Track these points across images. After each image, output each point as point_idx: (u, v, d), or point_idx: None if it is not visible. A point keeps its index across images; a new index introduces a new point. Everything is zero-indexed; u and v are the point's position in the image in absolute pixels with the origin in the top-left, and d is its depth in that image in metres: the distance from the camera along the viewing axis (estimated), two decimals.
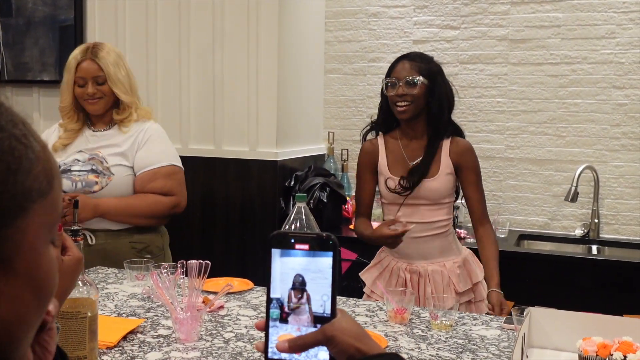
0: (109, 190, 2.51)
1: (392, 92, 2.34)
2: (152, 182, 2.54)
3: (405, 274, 2.39)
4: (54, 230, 0.71)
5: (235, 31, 3.35)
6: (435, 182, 2.35)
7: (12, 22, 3.79)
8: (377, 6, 3.71)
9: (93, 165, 2.52)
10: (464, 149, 2.39)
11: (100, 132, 2.61)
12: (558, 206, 3.45)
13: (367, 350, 0.93)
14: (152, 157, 2.56)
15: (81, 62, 2.53)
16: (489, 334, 1.81)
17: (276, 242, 0.92)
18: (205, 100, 3.44)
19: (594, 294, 2.86)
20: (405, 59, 2.38)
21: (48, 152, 0.69)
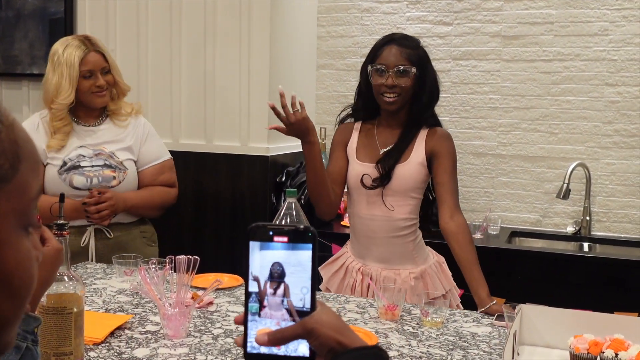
0: (125, 184, 2.57)
1: (379, 81, 2.18)
2: (162, 175, 2.67)
3: (357, 275, 2.26)
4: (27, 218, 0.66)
5: (227, 26, 3.32)
6: (404, 168, 2.20)
7: (1, 14, 3.75)
8: (370, 2, 3.69)
9: (105, 160, 2.52)
10: (441, 136, 2.24)
11: (95, 127, 2.59)
12: (550, 203, 3.44)
13: (348, 343, 0.91)
14: (157, 151, 2.68)
15: (87, 53, 2.50)
16: (480, 331, 1.80)
17: (254, 234, 0.89)
18: (196, 94, 3.42)
19: (585, 291, 2.86)
20: (393, 42, 2.21)
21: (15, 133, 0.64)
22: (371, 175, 2.22)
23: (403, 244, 2.24)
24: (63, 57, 2.48)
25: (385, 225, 2.23)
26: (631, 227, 3.33)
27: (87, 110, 2.58)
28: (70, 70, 2.46)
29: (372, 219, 2.24)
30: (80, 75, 2.48)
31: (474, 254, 2.12)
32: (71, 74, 2.46)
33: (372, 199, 2.23)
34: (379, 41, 2.27)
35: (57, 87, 2.47)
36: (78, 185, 2.48)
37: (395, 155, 2.21)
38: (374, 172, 2.22)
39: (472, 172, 3.57)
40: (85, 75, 2.49)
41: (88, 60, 2.49)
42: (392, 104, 2.20)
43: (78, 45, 2.50)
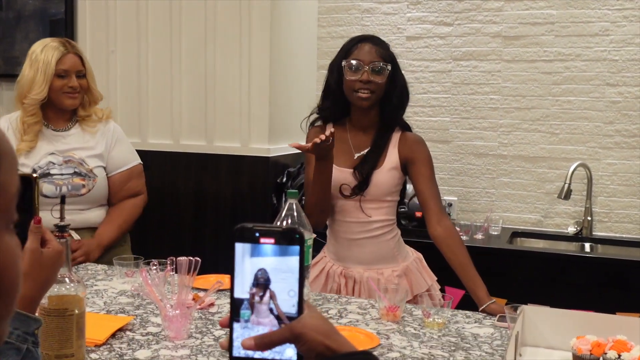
0: (95, 192, 2.57)
1: (353, 77, 2.15)
2: (129, 183, 2.68)
3: (340, 279, 2.25)
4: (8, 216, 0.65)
5: (228, 26, 3.32)
6: (380, 174, 2.20)
7: (2, 15, 3.75)
8: (370, 2, 3.69)
9: (75, 168, 2.52)
10: (414, 141, 2.24)
11: (64, 132, 2.60)
12: (551, 204, 3.44)
13: (336, 347, 0.90)
14: (124, 157, 2.68)
15: (65, 54, 2.53)
16: (482, 332, 1.79)
17: (240, 235, 0.88)
18: (197, 95, 3.42)
19: (586, 291, 2.85)
20: (367, 41, 2.20)
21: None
22: (348, 181, 2.22)
23: (383, 242, 2.25)
24: (41, 55, 2.51)
25: (363, 227, 2.24)
26: (632, 227, 3.32)
27: (57, 112, 2.59)
28: (46, 68, 2.49)
29: (351, 222, 2.25)
30: (55, 73, 2.50)
31: (466, 255, 2.11)
32: (46, 71, 2.49)
33: (349, 205, 2.24)
34: (350, 40, 2.26)
35: (31, 82, 2.50)
36: (47, 193, 2.47)
37: (371, 161, 2.21)
38: (351, 178, 2.22)
39: (473, 172, 3.56)
40: (60, 74, 2.52)
41: (64, 60, 2.53)
42: (365, 100, 2.17)
43: (57, 47, 2.53)
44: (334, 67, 2.24)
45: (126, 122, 3.52)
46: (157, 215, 3.44)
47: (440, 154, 3.58)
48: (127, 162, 2.68)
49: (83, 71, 2.57)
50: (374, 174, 2.20)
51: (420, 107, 3.60)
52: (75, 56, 2.57)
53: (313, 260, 2.34)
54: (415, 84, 3.56)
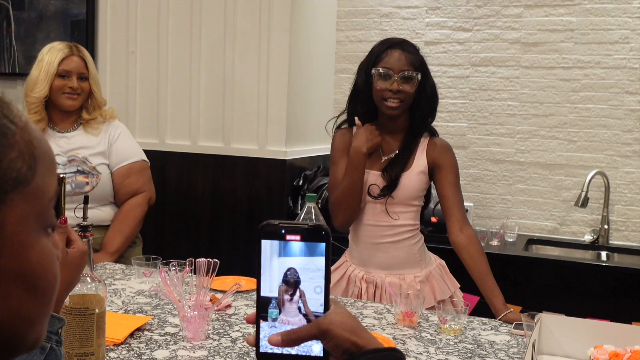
0: (98, 189, 2.60)
1: (383, 85, 2.14)
2: (128, 179, 2.66)
3: (361, 283, 2.25)
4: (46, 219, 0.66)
5: (247, 29, 3.34)
6: (408, 177, 2.20)
7: (24, 15, 3.79)
8: (389, 7, 3.70)
9: (78, 166, 2.56)
10: (442, 147, 2.25)
11: (68, 133, 2.64)
12: (567, 211, 3.43)
13: (363, 344, 0.89)
14: (125, 152, 2.68)
15: (69, 56, 2.58)
16: (498, 339, 1.79)
17: (266, 232, 0.88)
18: (215, 97, 3.44)
19: (602, 300, 2.84)
20: (397, 47, 2.18)
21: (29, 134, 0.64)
22: (376, 183, 2.22)
23: (407, 247, 2.25)
24: (46, 56, 2.58)
25: (388, 231, 2.23)
26: None
27: (62, 114, 2.63)
28: (49, 67, 2.55)
29: (376, 226, 2.24)
30: (56, 73, 2.56)
31: (486, 264, 2.12)
32: (48, 71, 2.55)
33: (376, 208, 2.24)
34: (380, 45, 2.23)
35: (34, 81, 2.56)
36: None
37: (400, 163, 2.21)
38: (380, 180, 2.22)
39: (490, 178, 3.56)
40: (61, 74, 2.57)
41: (67, 61, 2.58)
42: (394, 109, 2.17)
43: (62, 49, 2.59)
44: (363, 70, 2.23)
45: (144, 122, 3.55)
46: (174, 216, 3.47)
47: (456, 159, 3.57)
48: (128, 157, 2.68)
49: (86, 74, 2.61)
50: (403, 176, 2.20)
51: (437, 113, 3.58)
52: (80, 59, 2.61)
53: (334, 265, 2.35)
54: None
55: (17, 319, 0.64)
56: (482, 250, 2.17)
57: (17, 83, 3.89)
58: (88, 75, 2.62)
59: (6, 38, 3.84)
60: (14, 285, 0.62)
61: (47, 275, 0.66)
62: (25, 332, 0.66)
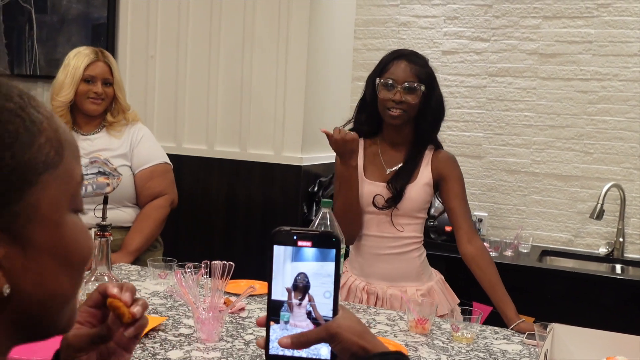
0: (120, 190, 2.63)
1: (386, 95, 2.16)
2: (150, 181, 2.69)
3: (362, 294, 2.25)
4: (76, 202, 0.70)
5: (266, 35, 3.37)
6: (413, 188, 2.21)
7: (46, 18, 3.84)
8: (407, 16, 3.71)
9: (99, 167, 2.59)
10: (447, 159, 2.25)
11: (91, 136, 2.68)
12: (583, 223, 3.42)
13: (371, 348, 0.92)
14: (148, 155, 2.72)
15: (94, 61, 2.63)
16: (511, 348, 1.79)
17: (278, 238, 0.90)
18: (232, 102, 3.46)
19: (616, 313, 2.83)
20: (403, 58, 2.19)
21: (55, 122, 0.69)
22: (382, 194, 2.22)
23: (410, 259, 2.25)
24: (73, 60, 2.63)
25: (392, 243, 2.24)
26: None
27: (86, 118, 2.68)
28: (75, 72, 2.60)
29: (380, 237, 2.25)
30: (82, 78, 2.60)
31: (496, 274, 2.14)
32: (74, 75, 2.60)
33: (380, 219, 2.24)
34: (388, 55, 2.25)
35: (61, 85, 2.61)
36: None
37: (405, 175, 2.22)
38: (384, 191, 2.22)
39: (505, 189, 3.56)
40: (86, 79, 2.61)
41: (93, 67, 2.63)
42: (396, 118, 2.18)
43: (88, 54, 2.64)
44: (370, 80, 2.26)
45: (162, 126, 3.58)
46: (188, 219, 3.49)
47: (472, 169, 3.58)
48: (151, 160, 2.72)
49: (110, 80, 2.66)
50: (408, 188, 2.21)
51: (453, 122, 3.61)
52: (105, 65, 2.66)
53: None
54: (450, 99, 3.57)
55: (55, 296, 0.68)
56: (491, 260, 2.18)
57: (37, 85, 3.94)
58: (112, 80, 2.66)
59: (28, 41, 3.89)
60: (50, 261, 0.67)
61: (81, 250, 0.70)
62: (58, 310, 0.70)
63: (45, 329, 0.70)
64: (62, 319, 0.71)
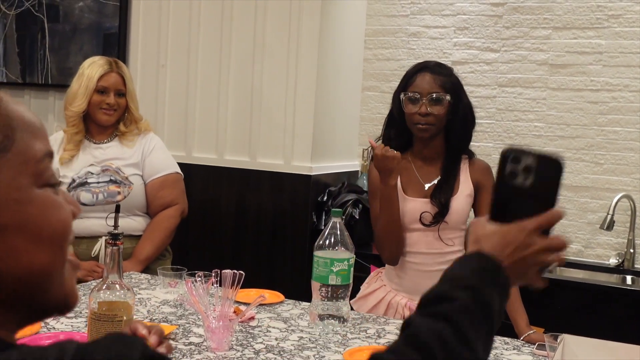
0: (131, 199, 2.64)
1: (413, 109, 2.15)
2: (162, 191, 2.70)
3: (404, 310, 2.22)
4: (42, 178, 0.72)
5: (276, 44, 3.38)
6: (457, 201, 2.18)
7: (58, 27, 3.87)
8: (417, 26, 3.72)
9: (111, 176, 2.61)
10: (484, 168, 2.24)
11: (104, 144, 2.71)
12: (593, 234, 3.40)
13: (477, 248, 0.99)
14: (160, 164, 2.73)
15: (108, 72, 2.65)
16: (521, 359, 1.79)
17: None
18: (242, 111, 3.48)
19: (626, 324, 2.81)
20: (427, 70, 2.19)
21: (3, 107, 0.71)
22: (425, 210, 2.19)
23: None
24: (87, 70, 2.66)
25: (440, 259, 2.20)
26: None
27: (98, 127, 2.71)
28: (88, 82, 2.62)
29: (428, 254, 2.22)
30: (95, 89, 2.62)
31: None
32: (88, 86, 2.62)
33: (427, 235, 2.21)
34: (412, 68, 2.24)
35: (75, 95, 2.64)
36: (85, 201, 2.58)
37: (447, 188, 2.19)
38: (428, 207, 2.20)
39: None
40: (99, 89, 2.63)
41: (106, 78, 2.65)
42: (424, 131, 2.17)
43: (102, 64, 2.67)
44: (396, 97, 2.24)
45: (172, 135, 3.60)
46: (198, 228, 3.50)
47: None
48: (162, 169, 2.73)
49: (123, 90, 2.68)
50: (452, 200, 2.18)
51: None
52: (118, 76, 2.68)
53: (365, 289, 2.34)
54: None
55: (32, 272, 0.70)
56: None
57: (49, 94, 3.97)
58: (125, 91, 2.68)
59: (40, 49, 3.93)
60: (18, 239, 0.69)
61: (51, 224, 0.71)
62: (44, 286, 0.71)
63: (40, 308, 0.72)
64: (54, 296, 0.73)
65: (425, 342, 0.85)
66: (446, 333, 0.86)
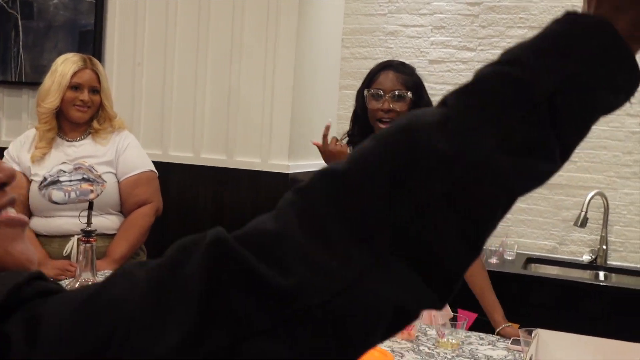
0: (104, 197, 2.61)
1: (375, 105, 2.20)
2: (135, 189, 2.68)
3: None
4: None
5: (253, 43, 3.38)
6: None
7: (33, 24, 3.83)
8: (394, 25, 3.74)
9: (83, 174, 2.59)
10: None
11: (76, 142, 2.68)
12: (567, 231, 3.45)
13: None
14: (134, 162, 2.71)
15: (82, 69, 2.63)
16: (495, 354, 1.81)
17: None
18: (219, 110, 3.47)
19: (599, 320, 2.85)
20: (390, 68, 2.24)
21: None
22: None
23: None
24: (60, 67, 2.63)
25: None
26: None
27: (71, 125, 2.68)
28: (62, 79, 2.59)
29: None
30: (69, 85, 2.60)
31: (487, 280, 2.18)
32: (61, 82, 2.59)
33: None
34: (376, 67, 2.30)
35: (47, 91, 2.61)
36: (57, 199, 2.56)
37: None
38: None
39: None
40: (73, 86, 2.61)
41: (80, 74, 2.62)
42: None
43: (76, 61, 2.64)
44: (360, 94, 2.29)
45: (148, 133, 3.58)
46: (175, 227, 3.48)
47: None
48: (136, 167, 2.71)
49: (97, 87, 2.66)
50: None
51: None
52: (93, 72, 2.66)
53: None
54: None
55: None
56: (483, 267, 2.22)
57: (22, 92, 3.92)
58: (100, 88, 2.66)
59: (14, 47, 3.88)
60: None
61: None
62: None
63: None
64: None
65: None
66: None
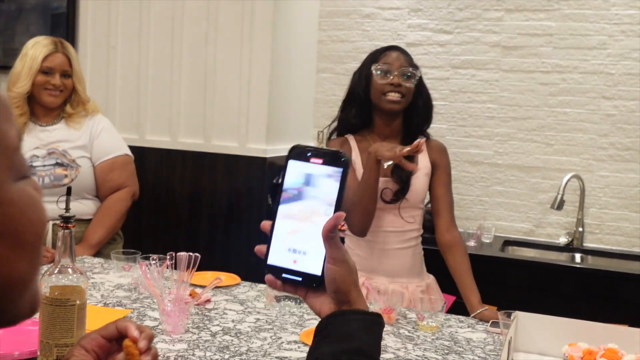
0: (78, 182, 2.58)
1: (383, 80, 2.17)
2: (111, 174, 2.65)
3: (362, 289, 2.14)
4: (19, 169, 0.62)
5: (229, 26, 3.34)
6: (416, 179, 2.22)
7: (3, 7, 3.75)
8: (371, 7, 3.72)
9: (57, 159, 2.55)
10: (440, 148, 2.30)
11: (50, 127, 2.63)
12: (543, 213, 3.47)
13: (354, 299, 0.93)
14: (108, 146, 2.67)
15: (53, 52, 2.57)
16: (475, 336, 1.82)
17: (295, 154, 0.97)
18: (196, 94, 3.43)
19: (575, 301, 2.88)
20: (396, 49, 2.26)
21: None
22: (389, 187, 2.21)
23: (413, 255, 2.28)
24: (31, 50, 2.57)
25: (399, 237, 2.25)
26: (623, 240, 3.36)
27: (44, 109, 2.63)
28: (32, 63, 2.54)
29: (387, 232, 2.24)
30: (39, 69, 2.55)
31: (468, 264, 2.18)
32: (32, 66, 2.54)
33: (387, 213, 2.23)
34: (378, 49, 2.30)
35: (17, 75, 2.55)
36: None
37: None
38: (390, 184, 2.22)
39: (468, 180, 3.59)
40: (44, 70, 2.56)
41: (51, 58, 2.57)
42: (396, 103, 2.18)
43: (47, 44, 2.58)
44: (361, 74, 2.25)
45: (124, 117, 3.53)
46: (152, 212, 3.45)
47: None
48: (111, 151, 2.67)
49: (69, 72, 2.61)
50: (412, 179, 2.21)
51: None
52: (64, 56, 2.60)
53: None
54: None
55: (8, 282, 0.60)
56: (465, 252, 2.22)
57: None
58: (72, 72, 2.61)
59: None
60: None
61: (33, 226, 0.62)
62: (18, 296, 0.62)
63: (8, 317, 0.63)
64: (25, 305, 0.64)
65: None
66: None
